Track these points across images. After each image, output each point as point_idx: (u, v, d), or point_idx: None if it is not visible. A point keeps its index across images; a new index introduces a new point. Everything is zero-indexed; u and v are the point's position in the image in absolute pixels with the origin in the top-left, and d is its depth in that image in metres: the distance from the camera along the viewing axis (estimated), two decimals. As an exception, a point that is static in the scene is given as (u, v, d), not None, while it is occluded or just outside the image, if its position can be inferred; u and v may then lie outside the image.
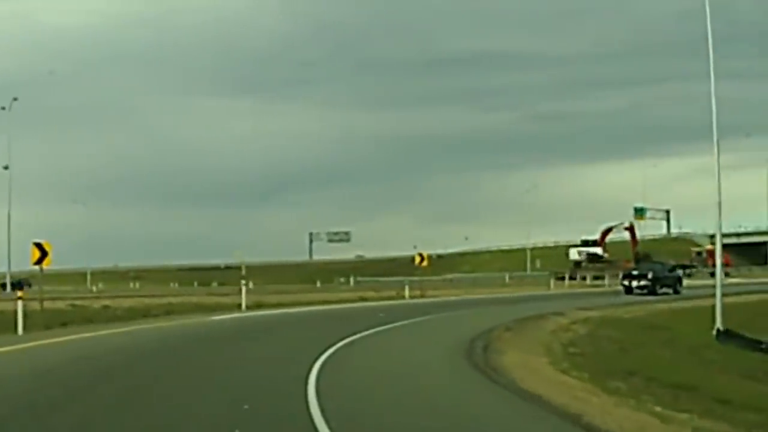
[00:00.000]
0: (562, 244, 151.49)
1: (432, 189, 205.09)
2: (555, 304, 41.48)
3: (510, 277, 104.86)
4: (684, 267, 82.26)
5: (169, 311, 37.03)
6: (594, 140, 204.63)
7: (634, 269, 58.63)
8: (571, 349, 21.65)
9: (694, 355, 22.53)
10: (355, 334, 24.83)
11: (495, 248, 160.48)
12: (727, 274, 79.44)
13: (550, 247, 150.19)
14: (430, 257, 57.77)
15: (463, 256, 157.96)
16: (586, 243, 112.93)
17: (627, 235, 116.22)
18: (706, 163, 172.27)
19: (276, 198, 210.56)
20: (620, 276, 58.68)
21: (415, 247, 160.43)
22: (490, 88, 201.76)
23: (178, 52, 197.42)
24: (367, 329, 26.68)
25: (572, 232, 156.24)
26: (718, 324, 27.13)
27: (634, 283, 53.75)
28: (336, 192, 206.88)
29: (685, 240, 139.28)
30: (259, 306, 41.35)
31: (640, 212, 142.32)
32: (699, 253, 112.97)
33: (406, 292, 52.01)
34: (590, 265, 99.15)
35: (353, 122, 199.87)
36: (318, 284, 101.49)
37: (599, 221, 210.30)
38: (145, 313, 35.46)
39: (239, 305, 39.31)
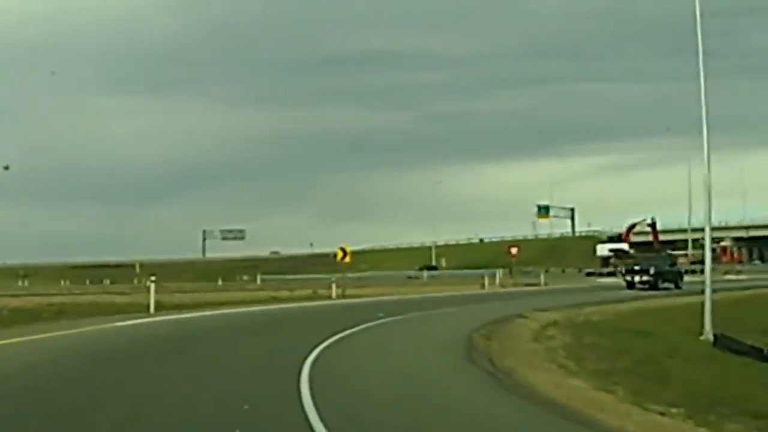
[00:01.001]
0: (462, 242, 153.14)
1: (327, 187, 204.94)
2: (509, 305, 37.98)
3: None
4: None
5: (61, 311, 31.63)
6: (494, 140, 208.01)
7: (636, 264, 57.62)
8: (590, 365, 18.02)
9: (720, 370, 19.34)
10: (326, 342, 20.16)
11: (393, 246, 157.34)
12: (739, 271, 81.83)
13: (453, 245, 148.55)
14: (352, 253, 52.64)
15: (362, 254, 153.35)
16: (611, 239, 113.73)
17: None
18: (609, 162, 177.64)
19: (169, 196, 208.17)
20: (623, 271, 58.45)
21: (311, 245, 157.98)
22: (386, 88, 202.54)
23: (72, 52, 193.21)
24: (331, 335, 22.20)
25: (476, 230, 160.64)
26: (708, 327, 25.46)
27: (636, 278, 53.31)
28: (230, 190, 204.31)
29: (594, 238, 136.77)
30: (173, 307, 35.42)
31: (543, 210, 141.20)
32: (712, 249, 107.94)
33: (333, 291, 46.34)
34: (618, 261, 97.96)
35: (247, 121, 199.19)
36: (220, 282, 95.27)
37: (502, 219, 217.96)
38: (36, 316, 29.40)
39: (147, 307, 33.12)
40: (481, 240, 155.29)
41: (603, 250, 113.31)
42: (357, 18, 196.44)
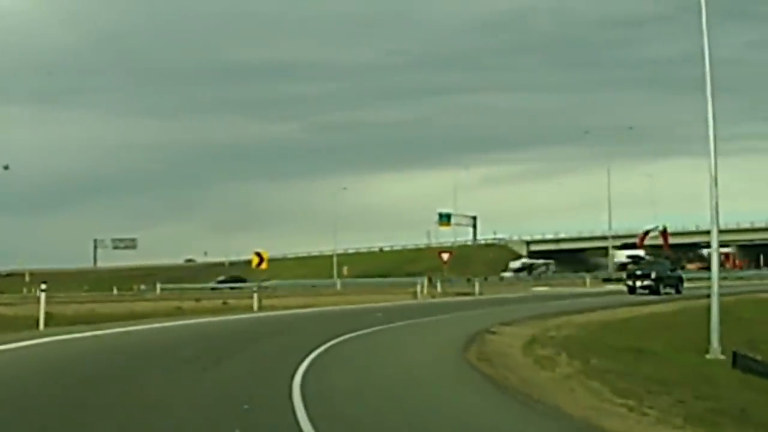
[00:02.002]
0: (363, 251, 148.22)
1: (221, 197, 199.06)
2: (463, 318, 33.72)
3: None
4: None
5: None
6: (391, 150, 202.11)
7: (638, 269, 57.22)
8: (653, 403, 13.88)
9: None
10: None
11: (292, 255, 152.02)
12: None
13: (354, 254, 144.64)
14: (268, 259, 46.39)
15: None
16: (625, 246, 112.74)
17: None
18: (508, 171, 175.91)
19: (62, 205, 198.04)
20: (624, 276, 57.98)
21: (205, 253, 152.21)
22: (278, 98, 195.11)
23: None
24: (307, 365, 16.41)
25: (376, 240, 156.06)
26: (715, 344, 22.71)
27: (638, 283, 53.13)
28: (121, 200, 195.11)
29: (500, 246, 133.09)
30: (67, 322, 28.64)
31: (445, 218, 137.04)
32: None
33: (255, 302, 39.83)
34: (634, 267, 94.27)
35: (138, 131, 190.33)
36: (115, 291, 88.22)
37: (403, 229, 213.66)
38: None
39: (36, 321, 26.34)
40: (381, 249, 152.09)
41: (621, 256, 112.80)
42: (250, 29, 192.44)
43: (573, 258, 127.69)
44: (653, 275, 53.65)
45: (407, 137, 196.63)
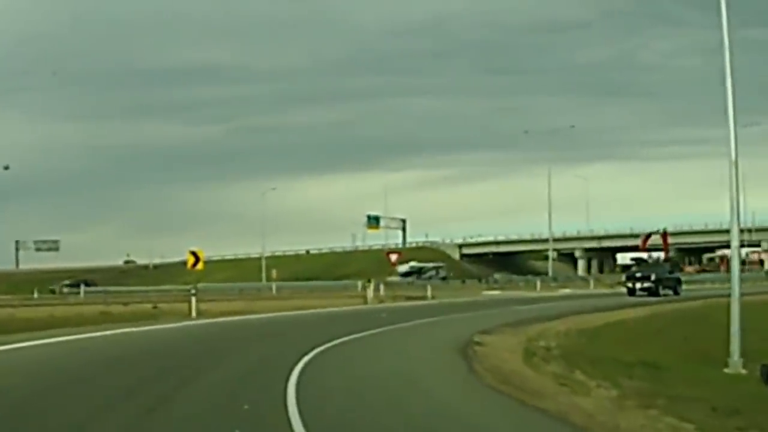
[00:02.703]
0: (290, 254, 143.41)
1: (144, 200, 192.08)
2: (433, 325, 30.02)
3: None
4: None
5: None
6: (319, 153, 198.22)
7: (638, 271, 56.91)
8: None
9: None
10: None
11: (218, 258, 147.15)
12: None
13: (281, 257, 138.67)
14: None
15: (181, 265, 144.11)
16: (627, 249, 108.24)
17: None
18: (439, 176, 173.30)
19: None
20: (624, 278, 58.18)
21: (128, 255, 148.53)
22: (202, 101, 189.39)
23: None
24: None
25: (304, 242, 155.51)
26: (736, 357, 20.20)
27: (638, 285, 53.01)
28: (43, 202, 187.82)
29: (431, 249, 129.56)
30: None
31: (374, 221, 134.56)
32: (711, 259, 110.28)
33: (193, 308, 35.07)
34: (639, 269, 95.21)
35: (61, 132, 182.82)
36: (35, 294, 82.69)
37: (330, 231, 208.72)
38: None
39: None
40: (308, 252, 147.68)
41: (625, 259, 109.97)
42: (172, 32, 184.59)
43: (507, 261, 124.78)
44: (653, 277, 53.75)
45: (333, 140, 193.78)
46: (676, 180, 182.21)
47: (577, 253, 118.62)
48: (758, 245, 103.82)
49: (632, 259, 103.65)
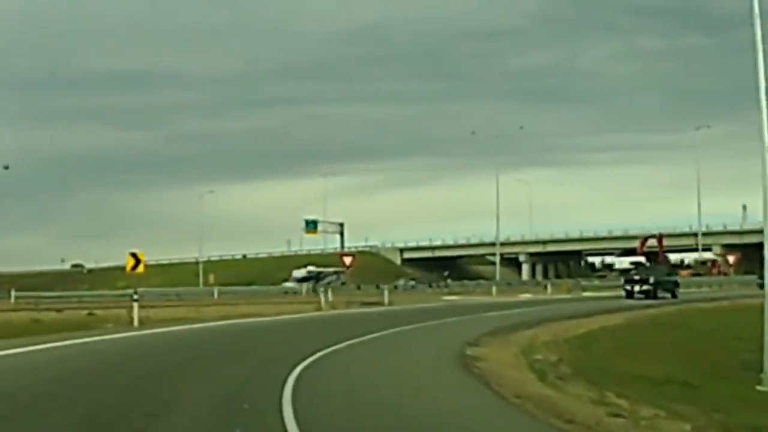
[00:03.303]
0: (227, 258, 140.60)
1: (78, 205, 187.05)
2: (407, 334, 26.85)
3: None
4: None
5: None
6: (254, 158, 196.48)
7: (636, 274, 56.59)
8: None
9: None
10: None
11: (154, 262, 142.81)
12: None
13: (218, 261, 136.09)
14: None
15: (118, 270, 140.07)
16: (626, 253, 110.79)
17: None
18: (374, 181, 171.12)
19: None
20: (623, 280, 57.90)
21: (62, 260, 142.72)
22: (137, 107, 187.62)
23: None
24: None
25: (241, 248, 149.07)
26: None
27: (636, 288, 52.71)
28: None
29: (372, 254, 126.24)
30: None
31: (311, 225, 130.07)
32: (703, 262, 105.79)
33: (136, 315, 31.19)
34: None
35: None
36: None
37: (267, 237, 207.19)
38: None
39: None
40: (244, 256, 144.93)
41: (623, 263, 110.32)
42: (107, 38, 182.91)
43: (448, 265, 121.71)
44: (651, 280, 53.41)
45: (270, 146, 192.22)
46: (614, 185, 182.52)
47: (522, 258, 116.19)
48: (710, 249, 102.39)
49: (631, 263, 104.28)
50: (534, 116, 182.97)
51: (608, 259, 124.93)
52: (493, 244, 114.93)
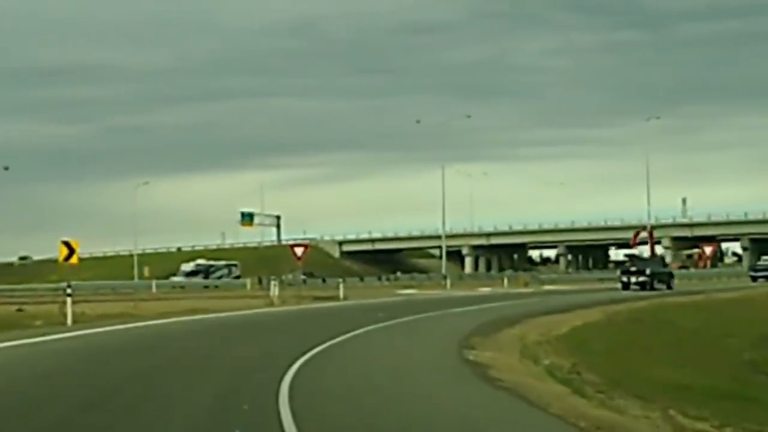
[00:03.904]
0: (161, 251, 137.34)
1: (10, 198, 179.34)
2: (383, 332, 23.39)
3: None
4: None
5: None
6: (189, 152, 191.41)
7: (632, 265, 56.89)
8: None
9: None
10: None
11: (87, 255, 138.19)
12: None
13: (153, 254, 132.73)
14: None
15: (49, 263, 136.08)
16: (620, 245, 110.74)
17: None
18: (311, 175, 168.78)
19: None
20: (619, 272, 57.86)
21: None
22: (70, 100, 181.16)
23: None
24: None
25: (176, 241, 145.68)
26: None
27: (633, 279, 52.90)
28: None
29: (310, 246, 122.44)
30: None
31: (248, 218, 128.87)
32: (689, 256, 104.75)
33: (69, 312, 27.11)
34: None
35: None
36: None
37: (202, 230, 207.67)
38: None
39: None
40: (179, 249, 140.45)
41: (618, 255, 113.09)
42: (41, 32, 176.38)
43: (388, 258, 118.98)
44: (648, 271, 53.33)
45: (205, 140, 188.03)
46: (550, 179, 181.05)
47: (465, 251, 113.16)
48: (659, 242, 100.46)
49: (626, 255, 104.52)
50: (469, 110, 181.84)
51: (546, 253, 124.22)
52: (433, 237, 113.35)
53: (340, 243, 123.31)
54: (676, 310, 33.99)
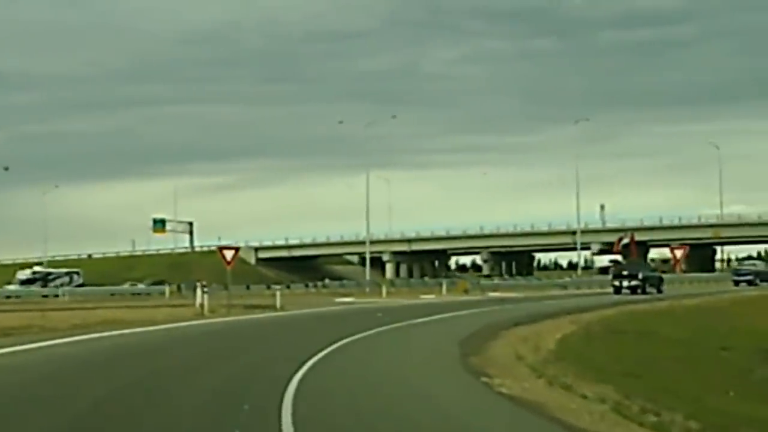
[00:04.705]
0: (72, 257, 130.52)
1: None
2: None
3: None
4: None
5: None
6: (97, 160, 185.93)
7: (624, 270, 55.61)
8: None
9: None
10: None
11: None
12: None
13: (62, 261, 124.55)
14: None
15: None
16: (604, 251, 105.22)
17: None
18: (224, 182, 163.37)
19: None
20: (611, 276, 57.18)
21: None
22: None
23: None
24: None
25: (87, 248, 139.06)
26: None
27: (625, 283, 52.00)
28: None
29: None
30: None
31: (159, 224, 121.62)
32: (665, 261, 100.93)
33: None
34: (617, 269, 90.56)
35: None
36: None
37: (114, 237, 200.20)
38: None
39: None
40: (90, 256, 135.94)
41: (602, 261, 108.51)
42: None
43: (305, 265, 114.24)
44: (640, 275, 52.37)
45: (117, 147, 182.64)
46: (462, 186, 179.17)
47: (385, 257, 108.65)
48: (588, 248, 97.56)
49: (611, 261, 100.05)
50: (383, 118, 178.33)
51: (462, 260, 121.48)
52: (352, 243, 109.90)
53: (256, 249, 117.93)
54: (653, 319, 30.04)
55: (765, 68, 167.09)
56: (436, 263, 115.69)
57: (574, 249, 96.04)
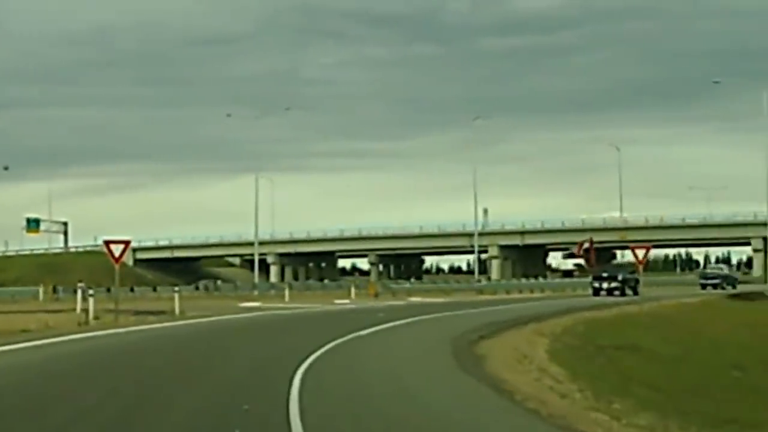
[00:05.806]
0: None
1: None
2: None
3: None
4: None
5: None
6: None
7: (604, 272, 54.75)
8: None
9: None
10: None
11: None
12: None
13: None
14: None
15: None
16: (569, 255, 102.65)
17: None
18: (101, 184, 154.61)
19: None
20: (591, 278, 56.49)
21: None
22: None
23: None
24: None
25: None
26: None
27: (605, 285, 50.86)
28: None
29: (101, 253, 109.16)
30: None
31: (33, 224, 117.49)
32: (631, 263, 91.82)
33: None
34: (580, 273, 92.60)
35: None
36: None
37: None
38: None
39: None
40: None
41: (567, 264, 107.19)
42: None
43: (185, 267, 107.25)
44: (620, 277, 51.13)
45: None
46: (342, 191, 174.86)
47: (270, 259, 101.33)
48: (486, 251, 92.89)
49: (575, 265, 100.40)
50: (256, 122, 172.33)
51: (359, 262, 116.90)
52: (235, 245, 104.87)
53: (135, 250, 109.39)
54: (625, 328, 24.53)
55: (644, 77, 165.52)
56: (323, 265, 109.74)
57: (471, 252, 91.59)
